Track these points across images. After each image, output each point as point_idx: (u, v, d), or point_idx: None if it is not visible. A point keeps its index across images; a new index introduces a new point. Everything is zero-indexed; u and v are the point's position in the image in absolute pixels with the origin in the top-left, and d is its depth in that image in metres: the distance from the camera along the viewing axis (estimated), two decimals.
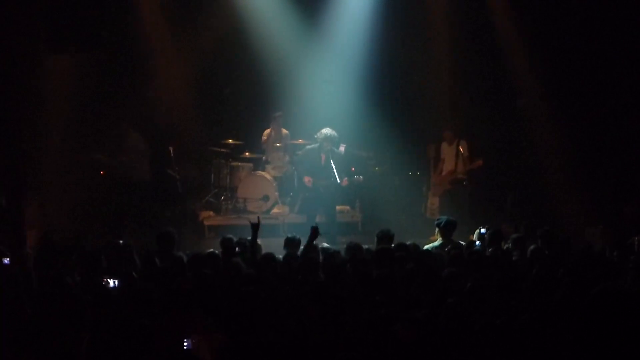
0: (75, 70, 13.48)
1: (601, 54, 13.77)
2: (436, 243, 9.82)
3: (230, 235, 9.26)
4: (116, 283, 7.33)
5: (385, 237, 9.41)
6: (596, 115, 13.99)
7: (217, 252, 8.80)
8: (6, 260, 7.78)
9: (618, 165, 13.87)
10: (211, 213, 14.25)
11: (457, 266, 7.99)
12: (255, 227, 8.60)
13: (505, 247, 9.24)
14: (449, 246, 9.47)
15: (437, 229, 9.98)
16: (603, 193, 13.64)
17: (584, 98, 14.03)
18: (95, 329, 6.43)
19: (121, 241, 8.96)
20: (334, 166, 12.50)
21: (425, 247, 9.73)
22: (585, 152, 14.02)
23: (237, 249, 8.85)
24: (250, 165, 14.59)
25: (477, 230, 9.84)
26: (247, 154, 14.60)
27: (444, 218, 10.04)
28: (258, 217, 8.93)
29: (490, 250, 9.06)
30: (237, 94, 15.40)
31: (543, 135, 14.42)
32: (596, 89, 13.93)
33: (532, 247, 8.89)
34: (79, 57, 13.27)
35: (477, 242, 9.64)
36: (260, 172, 14.46)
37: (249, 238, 8.76)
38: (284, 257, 8.71)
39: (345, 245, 9.31)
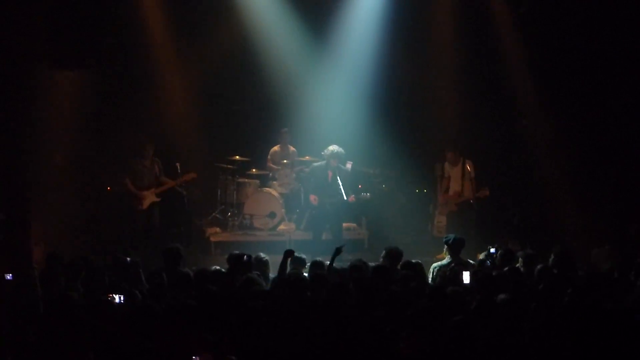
0: (80, 87, 13.54)
1: (606, 74, 13.74)
2: (444, 261, 9.78)
3: (236, 251, 9.22)
4: (121, 299, 7.30)
5: (391, 254, 9.36)
6: (601, 132, 13.95)
7: (223, 270, 8.79)
8: (9, 276, 7.75)
9: (625, 183, 13.81)
10: (217, 229, 14.24)
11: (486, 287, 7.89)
12: (289, 255, 8.93)
13: (516, 266, 9.19)
14: (454, 264, 9.43)
15: (445, 247, 9.93)
16: (610, 212, 13.58)
17: (589, 116, 14.00)
18: (99, 347, 6.42)
19: (129, 258, 8.95)
20: (340, 183, 12.47)
21: (433, 265, 9.69)
22: (592, 170, 13.97)
23: (245, 257, 8.80)
24: (257, 181, 14.59)
25: (487, 250, 9.76)
26: (253, 170, 14.60)
27: (451, 236, 9.98)
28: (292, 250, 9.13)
29: (501, 269, 9.00)
30: (244, 110, 15.42)
31: (548, 153, 14.39)
32: (602, 108, 13.90)
33: (539, 266, 8.83)
34: (83, 74, 13.31)
35: (487, 262, 9.58)
36: (267, 188, 14.45)
37: (260, 254, 9.04)
38: (288, 275, 8.72)
39: (350, 263, 9.30)
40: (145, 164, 13.04)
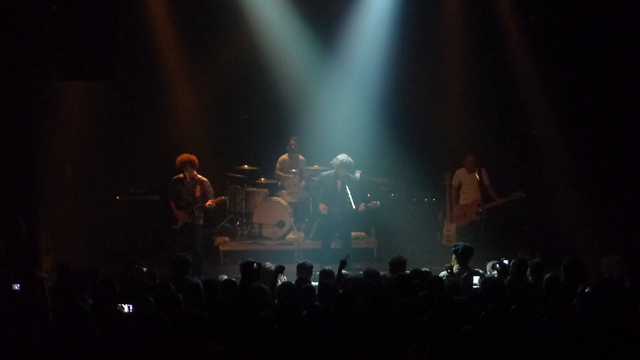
0: (90, 97, 13.60)
1: (617, 82, 13.71)
2: (453, 270, 9.76)
3: (249, 259, 9.21)
4: (130, 308, 7.31)
5: (397, 264, 9.38)
6: (611, 141, 13.93)
7: (233, 279, 8.81)
8: (16, 286, 7.76)
9: (635, 192, 13.76)
10: (226, 239, 14.27)
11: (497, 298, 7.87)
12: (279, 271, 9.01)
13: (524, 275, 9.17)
14: (465, 273, 9.42)
15: (453, 256, 9.92)
16: (620, 222, 13.54)
17: (599, 125, 13.98)
18: (109, 357, 6.43)
19: (145, 269, 8.96)
20: (349, 192, 12.46)
21: (442, 273, 9.68)
22: (601, 179, 13.94)
23: (254, 265, 8.80)
24: (266, 190, 14.59)
25: (500, 260, 9.71)
26: (262, 179, 14.60)
27: (461, 244, 9.99)
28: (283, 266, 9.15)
29: (510, 279, 8.98)
30: (252, 120, 15.45)
31: (558, 162, 14.37)
32: (612, 117, 13.87)
33: (547, 275, 8.81)
34: (93, 85, 13.36)
35: (498, 265, 9.56)
36: (275, 197, 14.47)
37: (266, 264, 9.15)
38: (296, 282, 8.74)
39: (361, 272, 9.31)
40: (185, 184, 12.40)
